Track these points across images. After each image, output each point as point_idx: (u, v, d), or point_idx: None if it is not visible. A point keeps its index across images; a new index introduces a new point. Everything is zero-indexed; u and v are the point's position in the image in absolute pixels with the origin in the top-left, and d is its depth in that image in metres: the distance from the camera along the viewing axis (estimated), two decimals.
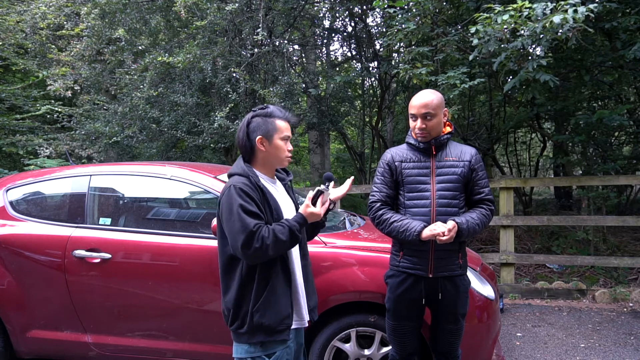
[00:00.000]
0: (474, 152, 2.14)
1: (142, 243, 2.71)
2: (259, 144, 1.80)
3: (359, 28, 7.31)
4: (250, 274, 1.73)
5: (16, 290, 2.82)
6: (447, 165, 2.09)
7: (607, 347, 3.52)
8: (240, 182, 1.72)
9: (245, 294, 1.73)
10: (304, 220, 1.76)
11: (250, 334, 1.72)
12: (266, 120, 1.81)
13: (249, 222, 1.63)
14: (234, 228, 1.64)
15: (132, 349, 2.74)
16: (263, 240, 1.62)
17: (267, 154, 1.83)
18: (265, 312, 1.71)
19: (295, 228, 1.70)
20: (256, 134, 1.79)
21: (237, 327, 1.74)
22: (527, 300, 4.76)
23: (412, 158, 2.13)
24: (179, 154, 7.26)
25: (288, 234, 1.68)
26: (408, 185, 2.10)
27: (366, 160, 9.14)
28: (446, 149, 2.13)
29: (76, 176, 3.02)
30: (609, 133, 6.57)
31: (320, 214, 1.77)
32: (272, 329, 1.72)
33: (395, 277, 2.13)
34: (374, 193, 2.17)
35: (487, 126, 7.93)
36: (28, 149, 7.59)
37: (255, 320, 1.70)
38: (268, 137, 1.80)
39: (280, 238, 1.65)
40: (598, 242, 5.74)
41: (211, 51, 5.50)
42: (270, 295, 1.72)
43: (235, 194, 1.67)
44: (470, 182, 2.11)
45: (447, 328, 2.13)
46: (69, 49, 6.52)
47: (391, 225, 2.05)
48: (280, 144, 1.82)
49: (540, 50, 3.84)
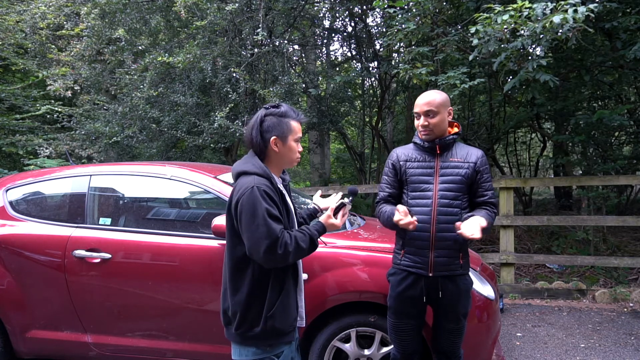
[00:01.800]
0: (481, 154, 2.14)
1: (142, 243, 2.71)
2: (272, 144, 1.75)
3: (359, 28, 7.31)
4: (264, 278, 1.69)
5: (16, 290, 2.82)
6: (452, 165, 2.09)
7: (607, 347, 3.52)
8: (263, 184, 1.66)
9: (256, 298, 1.69)
10: (324, 230, 1.79)
11: (262, 338, 1.69)
12: (281, 121, 1.76)
13: (275, 227, 1.60)
14: (258, 233, 1.58)
15: (132, 349, 2.75)
16: (286, 247, 1.61)
17: (280, 155, 1.79)
18: (280, 316, 1.70)
19: (315, 237, 1.72)
20: (271, 134, 1.74)
21: (245, 330, 1.69)
22: (527, 300, 4.76)
23: (417, 158, 2.15)
24: (179, 154, 7.25)
25: (309, 243, 1.69)
26: (412, 185, 2.12)
27: (366, 160, 9.14)
28: (452, 149, 2.14)
29: (76, 176, 3.02)
30: (609, 133, 6.57)
31: (339, 225, 1.82)
32: (283, 331, 1.72)
33: (396, 274, 2.15)
34: (379, 192, 2.25)
35: (487, 126, 7.93)
36: (28, 149, 7.59)
37: (269, 325, 1.68)
38: (283, 139, 1.76)
39: (301, 246, 1.66)
40: (598, 242, 5.74)
41: (211, 51, 5.50)
42: (285, 300, 1.72)
43: (260, 196, 1.61)
44: (474, 184, 2.12)
45: (448, 327, 2.14)
46: (69, 49, 6.53)
47: (382, 215, 2.13)
48: (294, 145, 1.79)
49: (540, 50, 3.84)
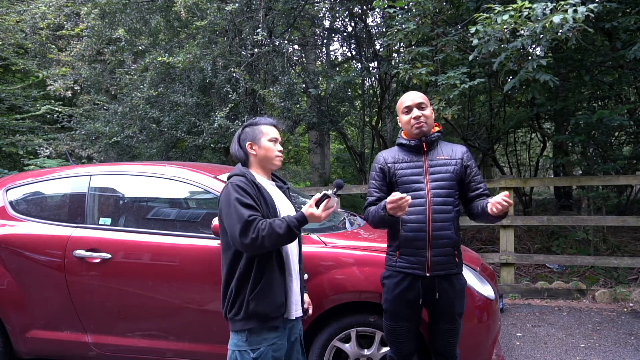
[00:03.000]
0: (465, 150, 2.18)
1: (142, 243, 2.71)
2: (249, 148, 1.99)
3: (359, 28, 7.31)
4: (249, 266, 1.83)
5: (16, 290, 2.82)
6: (440, 163, 2.11)
7: (607, 347, 3.52)
8: (237, 179, 1.87)
9: (243, 284, 1.83)
10: (304, 219, 1.79)
11: (246, 320, 1.81)
12: (253, 128, 2.01)
13: (244, 212, 1.75)
14: (232, 220, 1.76)
15: (132, 349, 2.75)
16: (259, 231, 1.72)
17: (259, 157, 1.99)
18: (261, 300, 1.81)
19: (293, 224, 1.77)
20: (246, 141, 2.00)
21: (234, 315, 1.83)
22: (527, 300, 4.76)
23: (404, 158, 2.16)
24: (179, 154, 7.25)
25: (285, 229, 1.75)
26: (403, 186, 2.12)
27: (366, 160, 9.13)
28: (437, 148, 2.17)
29: (76, 176, 3.02)
30: (609, 133, 6.56)
31: (320, 216, 1.79)
32: (267, 316, 1.82)
33: (392, 277, 2.13)
34: (367, 197, 2.23)
35: (487, 126, 7.92)
36: (28, 149, 7.60)
37: (251, 308, 1.80)
38: (256, 141, 1.99)
39: (276, 231, 1.73)
40: (598, 242, 5.73)
41: (211, 51, 5.50)
42: (266, 285, 1.83)
43: (232, 189, 1.81)
44: (466, 179, 2.14)
45: (445, 328, 2.13)
46: (69, 49, 6.53)
47: (371, 215, 2.11)
48: (268, 144, 1.99)
49: (540, 50, 3.84)
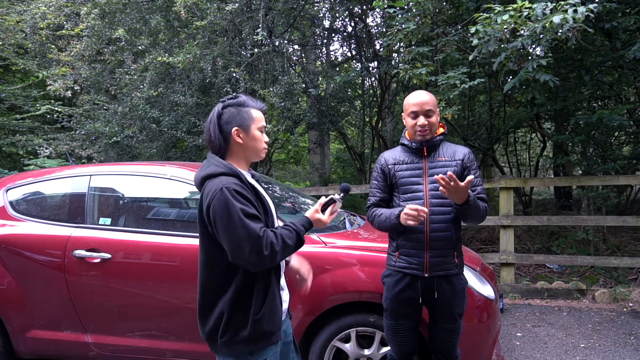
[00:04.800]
0: (467, 151, 2.16)
1: (142, 243, 2.71)
2: (235, 135, 1.62)
3: (359, 28, 7.30)
4: (248, 281, 1.57)
5: (16, 290, 2.82)
6: (440, 165, 2.10)
7: (607, 347, 3.52)
8: (232, 182, 1.52)
9: (242, 302, 1.57)
10: (310, 225, 1.67)
11: (251, 341, 1.57)
12: (240, 110, 1.64)
13: (254, 227, 1.48)
14: (236, 236, 1.46)
15: (132, 349, 2.75)
16: (272, 247, 1.50)
17: (245, 147, 1.66)
18: (270, 318, 1.60)
19: (302, 233, 1.62)
20: (231, 125, 1.62)
21: (230, 337, 1.56)
22: (527, 300, 4.76)
23: (404, 160, 2.16)
24: (179, 154, 7.25)
25: (295, 239, 1.59)
26: (402, 187, 2.13)
27: (366, 160, 9.12)
28: (439, 149, 2.15)
29: (76, 176, 3.03)
30: (609, 133, 6.57)
31: (326, 222, 1.68)
32: (272, 332, 1.61)
33: (391, 276, 2.15)
34: (369, 198, 2.25)
35: (487, 126, 7.91)
36: (28, 149, 7.60)
37: (259, 329, 1.57)
38: (245, 128, 1.63)
39: (288, 244, 1.56)
40: (598, 242, 5.73)
41: (211, 51, 5.50)
42: (272, 301, 1.61)
43: (231, 197, 1.48)
44: (463, 180, 2.11)
45: (444, 328, 2.13)
46: (69, 49, 6.53)
47: (378, 218, 2.12)
48: (258, 134, 1.67)
49: (540, 50, 3.83)
